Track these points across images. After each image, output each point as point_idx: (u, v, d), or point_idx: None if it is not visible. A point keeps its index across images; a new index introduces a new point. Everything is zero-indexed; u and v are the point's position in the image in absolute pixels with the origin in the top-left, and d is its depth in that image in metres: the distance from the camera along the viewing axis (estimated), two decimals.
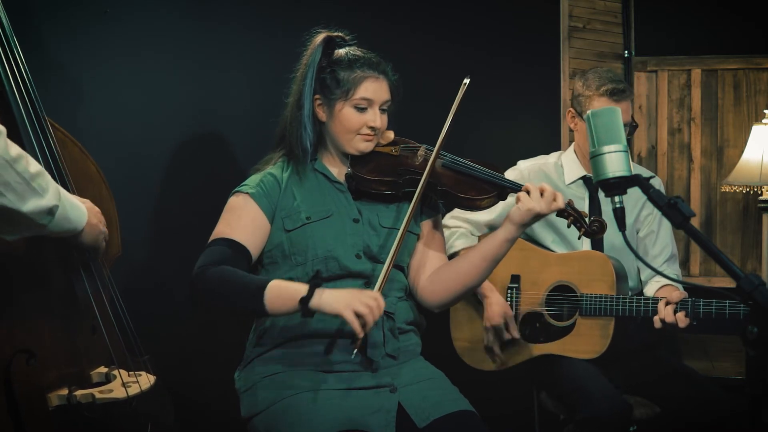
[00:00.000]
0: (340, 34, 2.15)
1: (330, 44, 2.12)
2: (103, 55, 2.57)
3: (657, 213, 2.74)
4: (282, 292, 1.86)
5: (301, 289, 1.84)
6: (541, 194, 2.04)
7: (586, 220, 2.11)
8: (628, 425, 2.49)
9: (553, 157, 2.85)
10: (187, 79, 2.75)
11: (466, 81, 2.11)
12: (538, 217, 2.04)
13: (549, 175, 2.77)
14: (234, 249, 1.99)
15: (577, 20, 3.55)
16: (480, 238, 2.75)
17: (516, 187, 2.08)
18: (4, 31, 1.93)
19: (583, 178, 2.74)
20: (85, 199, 1.89)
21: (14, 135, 1.90)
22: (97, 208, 1.91)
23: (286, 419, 1.96)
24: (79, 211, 1.78)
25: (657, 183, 2.83)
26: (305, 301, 1.82)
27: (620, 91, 2.63)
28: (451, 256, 2.71)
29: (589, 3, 3.57)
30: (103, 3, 2.56)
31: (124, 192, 2.46)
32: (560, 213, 2.12)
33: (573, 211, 2.11)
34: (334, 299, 1.82)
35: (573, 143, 2.83)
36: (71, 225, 1.75)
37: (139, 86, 2.64)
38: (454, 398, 2.06)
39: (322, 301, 1.83)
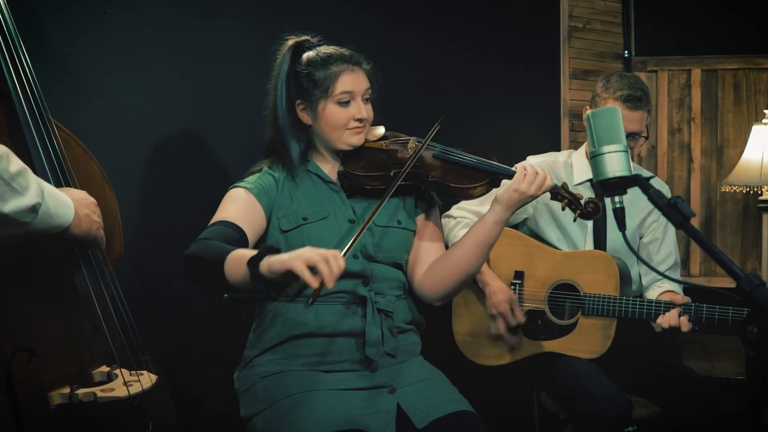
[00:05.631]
0: (307, 37, 2.13)
1: (298, 50, 2.11)
2: (107, 55, 2.57)
3: (663, 220, 2.72)
4: (239, 257, 1.72)
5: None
6: (534, 176, 2.03)
7: (581, 201, 2.08)
8: (628, 423, 2.49)
9: (564, 155, 2.83)
10: (189, 79, 2.75)
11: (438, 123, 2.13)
12: (526, 198, 2.03)
13: (557, 173, 2.75)
14: (231, 228, 1.95)
15: (577, 20, 3.55)
16: None
17: (509, 173, 2.07)
18: (8, 31, 1.93)
19: (591, 181, 2.73)
20: (76, 190, 1.87)
21: (18, 135, 1.91)
22: (91, 199, 1.89)
23: (285, 419, 1.95)
24: (65, 206, 1.76)
25: (657, 183, 2.83)
26: (254, 262, 1.66)
27: (635, 99, 2.60)
28: None
29: (589, 3, 3.58)
30: (104, 3, 2.56)
31: (127, 192, 2.47)
32: (554, 196, 2.11)
33: (567, 194, 2.09)
34: (286, 255, 1.64)
35: (585, 143, 2.79)
36: (57, 221, 1.74)
37: (143, 86, 2.65)
38: (453, 399, 2.05)
39: (272, 259, 1.64)
